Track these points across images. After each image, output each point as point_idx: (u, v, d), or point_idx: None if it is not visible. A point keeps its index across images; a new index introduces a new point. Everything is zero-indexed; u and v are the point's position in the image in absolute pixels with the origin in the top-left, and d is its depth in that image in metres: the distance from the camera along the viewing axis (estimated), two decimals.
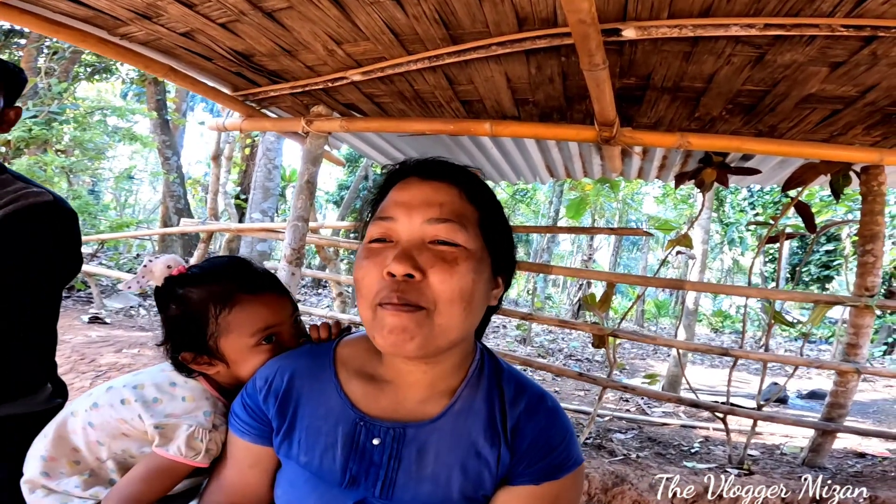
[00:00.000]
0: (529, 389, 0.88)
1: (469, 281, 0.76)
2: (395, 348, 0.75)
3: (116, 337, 4.89)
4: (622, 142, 2.41)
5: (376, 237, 0.79)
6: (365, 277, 0.78)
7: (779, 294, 2.89)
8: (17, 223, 1.15)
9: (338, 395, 0.86)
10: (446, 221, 0.77)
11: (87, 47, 2.13)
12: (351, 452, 0.82)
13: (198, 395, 0.97)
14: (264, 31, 1.98)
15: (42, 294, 1.20)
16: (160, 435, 0.91)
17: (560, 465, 0.81)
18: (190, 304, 0.95)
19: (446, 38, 1.96)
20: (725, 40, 1.79)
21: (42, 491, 0.96)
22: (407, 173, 0.84)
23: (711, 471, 2.65)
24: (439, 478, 0.80)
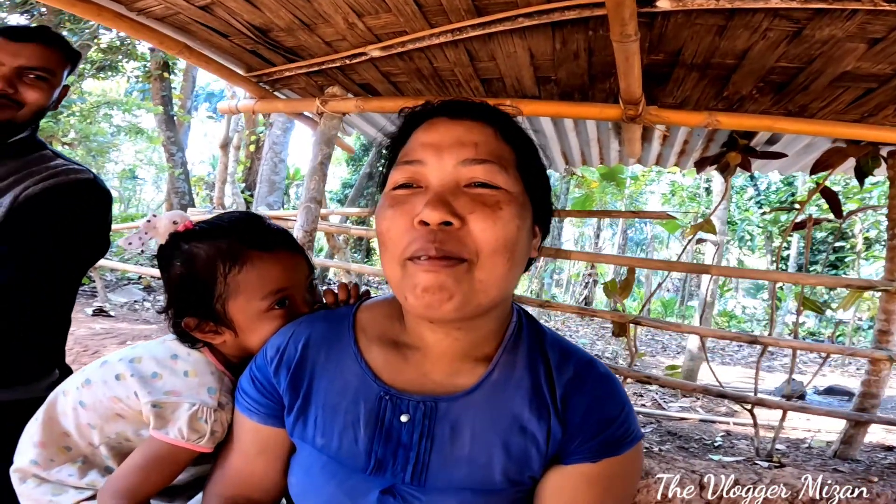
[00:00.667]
0: (576, 354, 0.77)
1: (514, 228, 0.66)
2: (430, 310, 0.65)
3: (120, 329, 4.83)
4: (648, 120, 2.34)
5: (402, 182, 0.69)
6: (391, 229, 0.67)
7: (808, 279, 2.81)
8: (56, 197, 1.19)
9: (358, 364, 0.76)
10: (484, 162, 0.67)
11: (102, 22, 2.08)
12: (376, 432, 0.72)
13: (201, 369, 0.87)
14: (285, 3, 1.93)
15: (68, 270, 1.20)
16: (157, 416, 0.82)
17: (620, 438, 0.71)
18: (196, 261, 0.85)
19: (471, 9, 1.90)
20: (763, 13, 1.72)
21: (34, 480, 0.87)
22: (433, 114, 0.74)
23: (741, 464, 2.58)
24: (478, 459, 0.70)
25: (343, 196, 16.83)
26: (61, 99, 1.35)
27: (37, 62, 1.22)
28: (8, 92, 1.19)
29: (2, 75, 1.18)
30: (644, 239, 24.28)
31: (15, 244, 1.11)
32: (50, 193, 1.18)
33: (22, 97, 1.21)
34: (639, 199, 16.88)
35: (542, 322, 0.85)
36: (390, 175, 0.72)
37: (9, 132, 1.22)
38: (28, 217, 1.14)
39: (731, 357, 9.30)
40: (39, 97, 1.24)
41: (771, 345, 2.80)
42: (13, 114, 1.20)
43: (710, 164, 3.14)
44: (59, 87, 1.30)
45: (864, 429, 2.73)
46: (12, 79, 1.19)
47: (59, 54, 1.28)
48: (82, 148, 8.09)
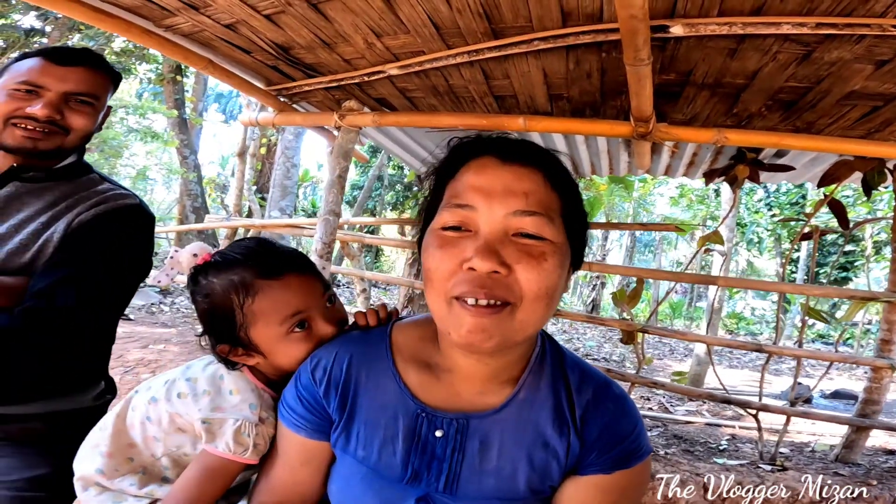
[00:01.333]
0: (595, 377, 0.84)
1: (556, 277, 0.71)
2: (472, 347, 0.71)
3: (140, 333, 4.95)
4: (658, 137, 2.40)
5: (451, 224, 0.72)
6: (439, 268, 0.72)
7: (812, 290, 2.87)
8: (106, 223, 1.21)
9: (396, 384, 0.82)
10: (533, 214, 0.70)
11: (130, 38, 2.16)
12: (413, 446, 0.79)
13: (243, 387, 0.93)
14: (306, 23, 2.00)
15: (117, 292, 1.23)
16: (207, 431, 0.89)
17: (632, 453, 0.78)
18: (213, 296, 0.91)
19: (488, 32, 1.96)
20: (774, 38, 1.77)
21: (95, 489, 0.94)
22: (482, 151, 0.76)
23: (744, 467, 2.63)
24: (504, 471, 0.78)
25: (352, 198, 16.93)
26: (104, 120, 1.36)
27: (84, 87, 1.22)
28: (55, 118, 1.18)
29: (49, 101, 1.17)
30: (653, 240, 24.22)
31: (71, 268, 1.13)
32: (101, 220, 1.20)
33: (68, 123, 1.21)
34: (647, 201, 16.85)
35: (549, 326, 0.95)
36: (439, 212, 0.75)
37: (58, 157, 1.24)
38: (81, 242, 1.17)
39: (739, 360, 9.32)
40: (86, 123, 1.23)
41: (775, 353, 2.86)
42: (61, 141, 1.21)
43: (718, 176, 3.20)
44: (103, 110, 1.30)
45: (866, 434, 2.78)
46: (59, 105, 1.19)
47: (104, 78, 1.28)
48: (97, 151, 8.21)
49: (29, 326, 1.04)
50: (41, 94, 1.18)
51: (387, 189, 15.59)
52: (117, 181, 1.39)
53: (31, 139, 1.18)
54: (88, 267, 1.14)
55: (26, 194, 1.21)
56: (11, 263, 1.14)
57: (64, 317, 1.07)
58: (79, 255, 1.15)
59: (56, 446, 1.17)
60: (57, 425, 1.19)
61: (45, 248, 1.16)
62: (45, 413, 1.18)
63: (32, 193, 1.21)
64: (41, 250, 1.16)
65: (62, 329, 1.08)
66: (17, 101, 1.17)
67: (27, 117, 1.16)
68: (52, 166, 1.25)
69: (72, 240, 1.17)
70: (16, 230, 1.17)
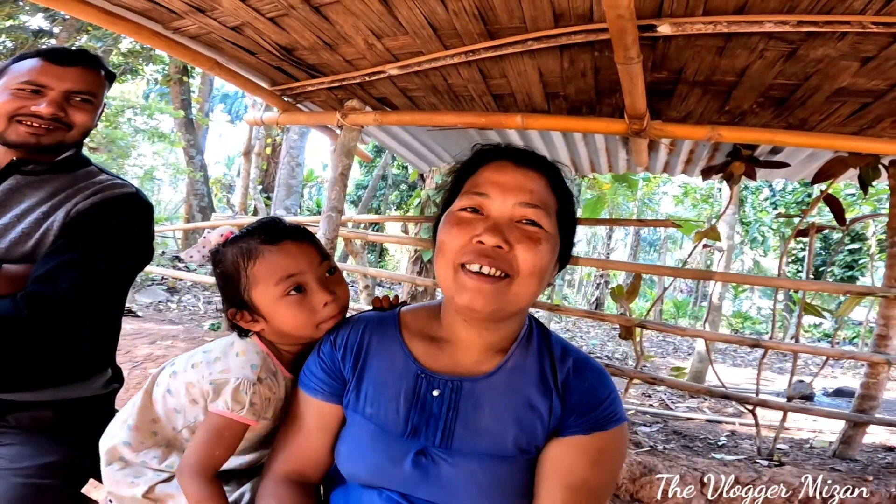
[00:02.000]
0: (575, 352, 0.97)
1: (547, 260, 0.86)
2: (472, 312, 0.84)
3: (148, 329, 5.03)
4: (652, 134, 2.45)
5: (469, 206, 0.88)
6: (452, 241, 0.86)
7: (809, 285, 2.90)
8: (103, 212, 1.25)
9: (402, 351, 0.95)
10: (535, 207, 0.87)
11: (140, 40, 2.23)
12: (413, 404, 0.90)
13: (249, 350, 1.01)
14: (309, 25, 2.06)
15: (117, 278, 1.27)
16: (213, 391, 0.95)
17: (608, 417, 0.88)
18: (226, 262, 1.01)
19: (483, 33, 2.02)
20: (759, 36, 1.82)
21: (118, 464, 1.00)
22: (501, 156, 0.93)
23: (741, 462, 2.68)
24: (494, 430, 0.87)
25: (357, 197, 17.03)
26: (99, 117, 1.42)
27: (82, 86, 1.28)
28: (59, 115, 1.24)
29: (52, 100, 1.23)
30: (657, 239, 24.18)
31: (71, 253, 1.18)
32: (98, 208, 1.25)
33: (71, 119, 1.27)
34: (651, 200, 16.83)
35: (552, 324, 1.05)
36: (458, 198, 0.91)
37: (58, 152, 1.30)
38: (80, 230, 1.22)
39: (743, 359, 9.32)
40: (86, 119, 1.30)
41: (772, 348, 2.90)
42: (63, 136, 1.27)
43: (715, 173, 3.24)
44: (100, 107, 1.37)
45: (863, 429, 2.81)
46: (61, 102, 1.25)
47: (100, 76, 1.34)
48: (106, 152, 8.33)
49: (32, 310, 1.08)
50: (44, 93, 1.24)
51: (391, 188, 15.67)
52: (115, 173, 1.43)
53: (35, 135, 1.23)
54: (87, 253, 1.19)
55: (27, 186, 1.26)
56: (14, 252, 1.19)
57: (65, 300, 1.11)
58: (78, 241, 1.20)
59: (66, 434, 1.21)
60: (66, 413, 1.23)
61: (45, 237, 1.21)
62: (55, 401, 1.22)
63: (33, 185, 1.26)
64: (42, 239, 1.21)
65: (64, 312, 1.12)
66: (22, 100, 1.22)
67: (32, 115, 1.22)
68: (52, 160, 1.30)
69: (71, 228, 1.22)
70: (17, 220, 1.22)
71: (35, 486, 1.11)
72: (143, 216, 1.34)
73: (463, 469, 0.85)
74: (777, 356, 9.17)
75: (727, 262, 5.29)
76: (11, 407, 1.19)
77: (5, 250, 1.19)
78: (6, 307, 1.08)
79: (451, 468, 0.86)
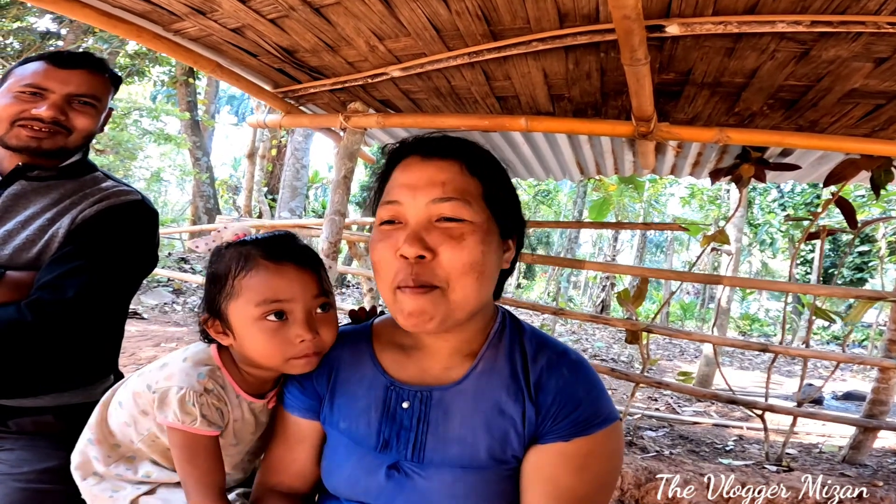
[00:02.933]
0: (552, 346, 0.88)
1: (478, 253, 0.79)
2: (416, 328, 0.80)
3: (153, 332, 5.04)
4: (659, 137, 2.41)
5: (386, 219, 0.82)
6: (381, 260, 0.81)
7: (818, 289, 2.85)
8: (109, 219, 1.25)
9: (372, 363, 0.91)
10: (450, 200, 0.79)
11: (141, 42, 2.22)
12: (383, 416, 0.86)
13: (199, 358, 0.94)
14: (310, 27, 2.04)
15: (122, 285, 1.26)
16: (158, 400, 0.89)
17: (589, 419, 0.80)
18: (219, 262, 0.93)
19: (487, 34, 1.99)
20: (770, 36, 1.78)
21: (94, 478, 0.97)
22: (408, 152, 0.86)
23: (749, 467, 2.63)
24: (465, 439, 0.82)
25: (362, 199, 17.04)
26: (106, 121, 1.41)
27: (85, 89, 1.26)
28: (59, 119, 1.22)
29: (53, 103, 1.22)
30: (664, 241, 24.06)
31: (76, 261, 1.17)
32: (104, 215, 1.24)
33: (71, 123, 1.25)
34: (657, 202, 16.73)
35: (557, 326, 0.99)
36: (378, 211, 0.85)
37: (62, 156, 1.29)
38: (86, 237, 1.21)
39: (750, 362, 9.24)
40: (88, 123, 1.28)
41: (781, 353, 2.85)
42: (64, 140, 1.25)
43: (724, 176, 3.20)
44: (104, 111, 1.35)
45: (873, 434, 2.76)
46: (63, 106, 1.23)
47: (104, 80, 1.32)
48: (113, 154, 8.37)
49: (37, 317, 1.08)
50: (45, 97, 1.22)
51: None
52: (121, 179, 1.42)
53: (36, 139, 1.22)
54: (93, 260, 1.18)
55: (32, 192, 1.25)
56: (19, 259, 1.18)
57: (70, 308, 1.11)
58: (83, 249, 1.19)
59: (66, 439, 1.18)
60: (68, 418, 1.22)
61: (50, 244, 1.20)
62: (57, 406, 1.22)
63: (38, 191, 1.26)
64: (47, 245, 1.20)
65: (69, 319, 1.11)
66: (23, 104, 1.21)
67: (33, 118, 1.21)
68: (57, 165, 1.29)
69: (77, 235, 1.21)
70: (22, 226, 1.21)
71: (35, 491, 1.11)
72: (149, 223, 1.33)
73: (437, 482, 0.81)
74: (786, 360, 9.08)
75: (735, 265, 5.23)
76: (13, 412, 1.19)
77: (9, 257, 1.18)
78: (10, 314, 1.08)
79: (424, 481, 0.81)
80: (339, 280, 12.46)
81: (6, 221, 1.21)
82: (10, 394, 1.17)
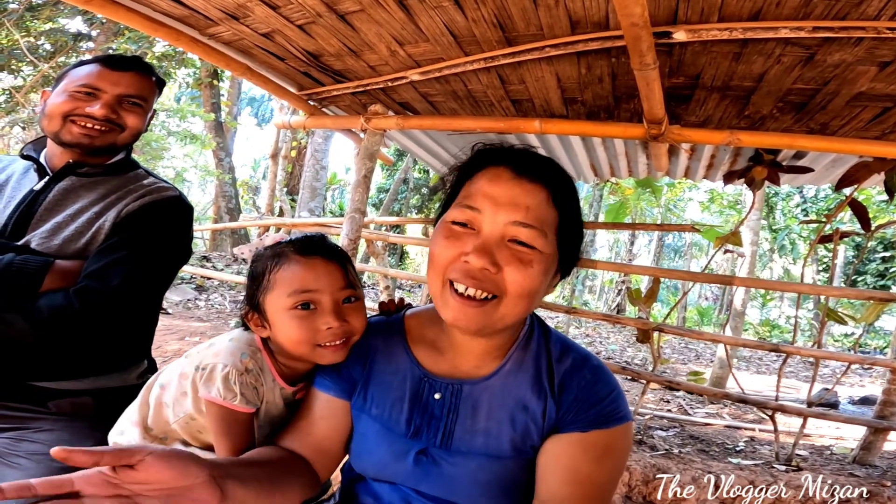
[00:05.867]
0: (575, 350, 0.96)
1: (538, 282, 0.83)
2: (458, 325, 0.84)
3: (178, 326, 5.21)
4: (671, 139, 2.47)
5: (460, 220, 0.85)
6: (441, 253, 0.85)
7: (831, 291, 2.87)
8: (151, 213, 1.33)
9: (406, 355, 0.97)
10: (529, 227, 0.82)
11: (179, 45, 2.35)
12: (415, 406, 0.93)
13: (243, 339, 1.02)
14: (335, 32, 2.15)
15: (159, 276, 1.35)
16: (203, 378, 0.96)
17: (608, 415, 0.87)
18: (259, 261, 1.02)
19: (502, 40, 2.08)
20: (775, 42, 1.84)
21: None
22: (500, 161, 0.87)
23: (758, 467, 2.67)
24: (491, 431, 0.89)
25: (378, 200, 17.21)
26: (150, 122, 1.51)
27: (135, 90, 1.36)
28: (111, 117, 1.32)
29: (105, 102, 1.31)
30: (682, 245, 23.80)
31: (121, 252, 1.26)
32: (146, 210, 1.33)
33: (123, 121, 1.34)
34: (675, 206, 16.59)
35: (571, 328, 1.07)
36: (452, 208, 0.87)
37: (111, 153, 1.38)
38: (130, 229, 1.29)
39: (768, 367, 9.13)
40: (137, 122, 1.38)
41: (792, 353, 2.88)
42: (115, 137, 1.35)
43: (737, 178, 3.23)
44: (150, 112, 1.45)
45: (884, 436, 2.78)
46: (114, 105, 1.33)
47: (151, 82, 1.42)
48: (140, 153, 8.62)
49: (84, 304, 1.16)
50: (98, 96, 1.32)
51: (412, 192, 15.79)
52: (161, 176, 1.51)
53: (88, 136, 1.31)
54: (136, 251, 1.27)
55: (81, 187, 1.34)
56: (68, 249, 1.26)
57: (115, 295, 1.19)
58: (128, 241, 1.27)
59: (103, 421, 1.26)
60: (105, 401, 1.30)
61: (97, 235, 1.28)
62: (95, 389, 1.30)
63: (86, 187, 1.35)
64: (94, 237, 1.28)
65: (113, 307, 1.20)
66: (77, 102, 1.31)
67: (86, 115, 1.30)
68: (104, 163, 1.39)
69: (121, 227, 1.30)
70: (71, 219, 1.29)
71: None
72: (186, 218, 1.42)
73: (462, 468, 0.88)
74: (804, 364, 8.97)
75: (750, 269, 5.22)
76: (53, 394, 1.26)
77: (59, 247, 1.26)
78: (59, 301, 1.16)
79: (451, 467, 0.88)
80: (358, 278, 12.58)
81: (56, 214, 1.30)
82: (53, 376, 1.25)
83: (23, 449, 1.19)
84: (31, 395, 1.25)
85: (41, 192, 1.32)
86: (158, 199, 1.36)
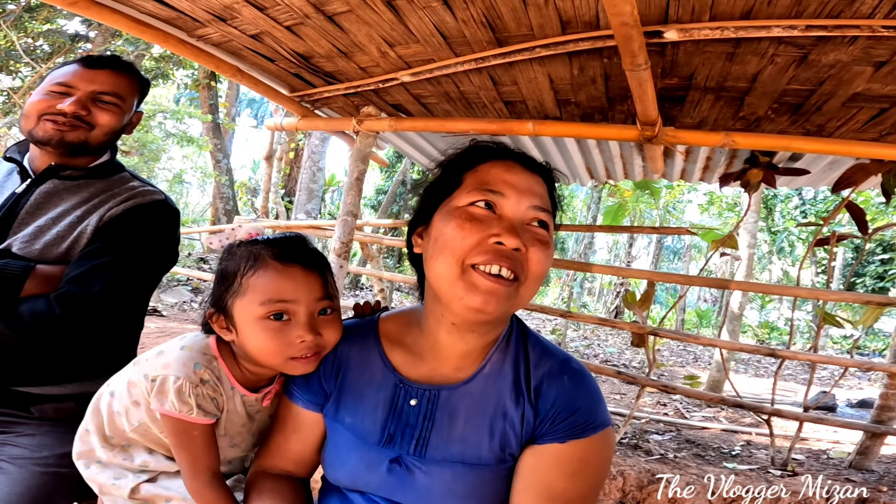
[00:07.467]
0: (554, 354, 0.93)
1: (550, 263, 0.88)
2: (483, 309, 0.80)
3: (172, 329, 5.19)
4: (665, 141, 2.44)
5: (482, 201, 0.85)
6: (457, 237, 0.82)
7: (828, 294, 2.85)
8: (134, 217, 1.31)
9: (381, 361, 0.94)
10: (545, 210, 0.88)
11: (167, 47, 2.32)
12: (390, 413, 0.90)
13: (197, 347, 0.95)
14: (324, 34, 2.13)
15: (144, 280, 1.33)
16: (155, 390, 0.90)
17: (585, 424, 0.84)
18: (230, 260, 0.95)
19: (492, 40, 2.06)
20: (768, 41, 1.81)
21: (97, 466, 1.00)
22: (507, 156, 0.93)
23: (753, 471, 2.64)
24: (468, 438, 0.86)
25: (377, 202, 17.18)
26: (136, 124, 1.49)
27: (108, 87, 1.34)
28: (81, 114, 1.30)
29: (76, 99, 1.30)
30: (681, 248, 23.79)
31: (103, 257, 1.23)
32: (130, 214, 1.31)
33: (94, 119, 1.32)
34: (674, 208, 16.57)
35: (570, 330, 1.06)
36: (464, 193, 0.87)
37: (85, 152, 1.35)
38: (113, 234, 1.28)
39: (766, 370, 9.10)
40: (110, 120, 1.35)
41: (789, 357, 2.85)
42: (86, 135, 1.31)
43: (733, 180, 3.21)
44: (129, 112, 1.42)
45: (881, 440, 2.75)
46: (86, 102, 1.31)
47: (129, 80, 1.39)
48: (138, 155, 8.60)
49: (65, 310, 1.14)
50: (71, 93, 1.31)
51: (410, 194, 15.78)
52: (147, 179, 1.49)
53: (59, 131, 1.29)
54: (119, 256, 1.24)
55: (63, 191, 1.32)
56: (49, 253, 1.25)
57: (96, 301, 1.17)
58: (110, 245, 1.25)
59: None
60: (88, 405, 1.26)
61: (79, 240, 1.27)
62: (78, 394, 1.28)
63: (69, 190, 1.33)
64: (76, 241, 1.27)
65: (95, 312, 1.18)
66: (51, 100, 1.30)
67: (57, 112, 1.29)
68: (87, 165, 1.37)
69: (104, 232, 1.28)
70: (53, 223, 1.28)
71: (54, 474, 1.16)
72: (171, 222, 1.40)
73: (437, 477, 0.85)
74: (802, 367, 8.94)
75: (748, 271, 5.19)
76: (36, 399, 1.25)
77: (40, 251, 1.24)
78: (40, 306, 1.14)
79: (425, 476, 0.86)
80: (354, 282, 12.58)
81: (38, 217, 1.28)
82: (36, 381, 1.24)
83: (5, 453, 1.18)
84: (14, 400, 1.24)
85: (23, 194, 1.31)
86: (142, 203, 1.35)
